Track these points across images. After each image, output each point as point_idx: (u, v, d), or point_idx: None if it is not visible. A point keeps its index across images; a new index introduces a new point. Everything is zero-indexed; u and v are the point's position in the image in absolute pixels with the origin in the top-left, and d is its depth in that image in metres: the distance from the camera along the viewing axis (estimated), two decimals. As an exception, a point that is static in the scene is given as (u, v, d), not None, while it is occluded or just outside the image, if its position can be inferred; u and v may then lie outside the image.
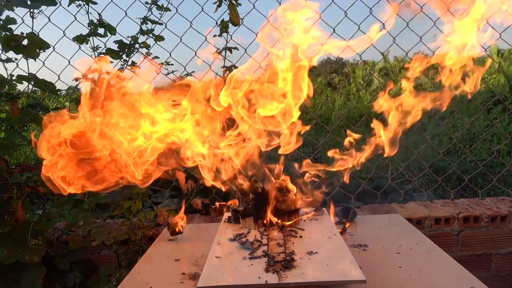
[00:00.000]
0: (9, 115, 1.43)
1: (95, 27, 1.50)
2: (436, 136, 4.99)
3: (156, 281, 1.04)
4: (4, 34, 1.33)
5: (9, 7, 1.30)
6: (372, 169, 2.14)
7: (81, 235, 1.53)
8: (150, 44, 1.59)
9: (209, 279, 0.87)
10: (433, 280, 0.96)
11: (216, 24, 1.60)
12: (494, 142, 4.76)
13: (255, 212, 1.20)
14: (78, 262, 1.47)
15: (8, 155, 1.34)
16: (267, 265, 0.92)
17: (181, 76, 1.67)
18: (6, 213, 1.35)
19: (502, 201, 1.73)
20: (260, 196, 1.22)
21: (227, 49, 1.63)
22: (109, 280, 1.40)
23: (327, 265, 0.90)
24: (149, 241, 1.53)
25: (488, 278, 1.59)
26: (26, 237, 1.34)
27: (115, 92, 1.09)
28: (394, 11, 1.35)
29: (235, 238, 1.11)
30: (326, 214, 1.33)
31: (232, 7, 1.55)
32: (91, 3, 1.47)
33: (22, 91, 1.48)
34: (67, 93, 1.80)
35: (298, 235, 1.12)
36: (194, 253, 1.23)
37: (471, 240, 1.57)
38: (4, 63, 1.37)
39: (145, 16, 1.56)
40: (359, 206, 1.74)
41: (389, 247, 1.19)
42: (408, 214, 1.58)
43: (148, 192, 2.12)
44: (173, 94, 1.13)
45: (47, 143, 0.99)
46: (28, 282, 1.33)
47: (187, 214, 1.75)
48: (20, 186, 1.35)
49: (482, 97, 6.01)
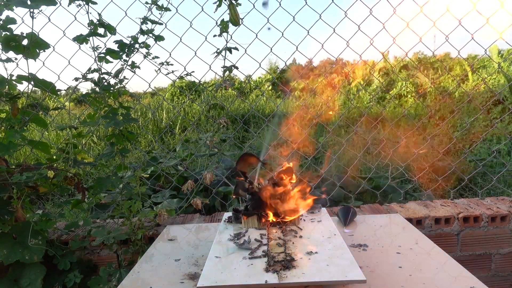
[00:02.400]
0: (9, 115, 1.43)
1: (95, 27, 1.50)
2: (436, 136, 4.98)
3: (156, 281, 1.04)
4: (4, 34, 1.33)
5: (9, 7, 1.30)
6: (372, 169, 2.14)
7: (81, 235, 1.53)
8: (150, 44, 1.59)
9: (209, 279, 0.87)
10: (433, 280, 0.96)
11: (216, 24, 1.60)
12: (494, 142, 4.76)
13: (255, 210, 1.21)
14: (78, 262, 1.47)
15: (8, 155, 1.33)
16: (267, 265, 0.92)
17: (181, 76, 1.67)
18: (6, 213, 1.35)
19: (502, 201, 1.73)
20: (257, 195, 1.23)
21: (227, 49, 1.63)
22: (109, 280, 1.40)
23: (327, 265, 0.90)
24: (149, 241, 1.53)
25: (488, 278, 1.59)
26: (26, 237, 1.34)
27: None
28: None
29: (235, 238, 1.11)
30: (325, 212, 1.33)
31: (232, 7, 1.55)
32: (91, 3, 1.47)
33: (22, 91, 1.48)
34: (67, 93, 1.79)
35: (298, 235, 1.12)
36: (194, 253, 1.23)
37: (471, 240, 1.57)
38: (4, 63, 1.37)
39: (145, 16, 1.55)
40: (359, 206, 1.74)
41: (389, 247, 1.19)
42: (408, 214, 1.58)
43: (148, 192, 2.12)
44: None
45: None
46: (28, 282, 1.33)
47: (187, 214, 1.76)
48: (20, 186, 1.35)
49: (482, 97, 6.02)
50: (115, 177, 1.51)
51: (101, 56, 1.52)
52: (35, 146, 1.46)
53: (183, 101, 9.81)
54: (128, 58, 1.56)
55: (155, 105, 8.69)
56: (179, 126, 6.70)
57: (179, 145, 3.28)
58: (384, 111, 4.37)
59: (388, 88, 9.15)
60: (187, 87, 9.00)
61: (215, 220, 1.65)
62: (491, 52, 7.23)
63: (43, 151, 1.50)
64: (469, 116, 5.79)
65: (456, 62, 9.82)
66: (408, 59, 8.49)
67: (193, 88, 1.79)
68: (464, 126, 5.00)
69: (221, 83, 1.67)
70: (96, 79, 1.54)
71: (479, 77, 7.54)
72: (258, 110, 8.15)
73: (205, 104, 1.82)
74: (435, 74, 10.40)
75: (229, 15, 1.56)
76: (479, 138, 4.39)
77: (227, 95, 8.61)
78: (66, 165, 1.46)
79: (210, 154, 2.30)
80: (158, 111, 7.53)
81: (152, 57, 1.62)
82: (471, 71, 7.41)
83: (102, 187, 1.48)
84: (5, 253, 1.28)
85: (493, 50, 7.14)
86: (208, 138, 1.71)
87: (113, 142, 1.54)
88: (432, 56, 2.01)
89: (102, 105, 1.53)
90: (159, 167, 2.16)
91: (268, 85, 11.82)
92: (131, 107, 1.66)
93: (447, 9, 1.72)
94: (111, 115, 1.46)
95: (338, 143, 3.87)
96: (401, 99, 9.11)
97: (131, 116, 1.52)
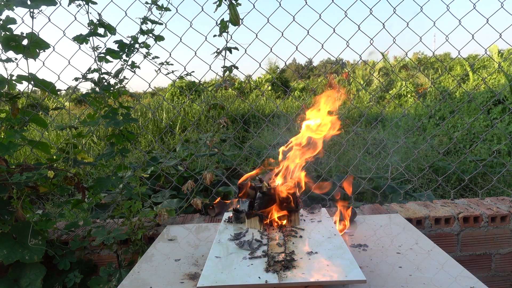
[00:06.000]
0: (9, 115, 1.43)
1: (95, 27, 1.50)
2: (436, 136, 4.99)
3: (156, 281, 1.04)
4: (4, 34, 1.33)
5: (9, 7, 1.30)
6: (372, 169, 2.14)
7: (81, 235, 1.53)
8: (150, 44, 1.59)
9: (209, 279, 0.87)
10: (433, 280, 0.96)
11: (216, 24, 1.60)
12: (494, 142, 4.76)
13: (260, 210, 1.21)
14: (78, 262, 1.47)
15: (8, 155, 1.33)
16: (267, 265, 0.92)
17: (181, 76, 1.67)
18: (6, 213, 1.35)
19: (502, 201, 1.73)
20: (267, 195, 1.23)
21: (227, 49, 1.63)
22: (109, 280, 1.40)
23: (327, 265, 0.90)
24: (149, 241, 1.53)
25: (488, 278, 1.59)
26: (26, 237, 1.34)
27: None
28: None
29: (235, 238, 1.11)
30: (325, 212, 1.33)
31: (232, 7, 1.55)
32: (91, 3, 1.47)
33: (22, 91, 1.48)
34: (67, 93, 1.79)
35: (298, 235, 1.12)
36: (194, 253, 1.23)
37: (471, 240, 1.57)
38: (4, 63, 1.37)
39: (145, 16, 1.56)
40: (359, 206, 1.74)
41: (389, 247, 1.19)
42: (408, 214, 1.58)
43: (148, 192, 2.12)
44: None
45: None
46: (28, 282, 1.33)
47: (187, 214, 1.76)
48: (20, 186, 1.35)
49: (482, 97, 6.02)
50: (115, 177, 1.51)
51: (101, 56, 1.52)
52: (35, 146, 1.46)
53: (183, 101, 9.81)
54: (128, 58, 1.56)
55: (155, 105, 8.69)
56: (179, 126, 6.71)
57: (179, 145, 3.28)
58: (384, 111, 4.38)
59: (388, 88, 9.14)
60: (187, 87, 9.01)
61: (215, 220, 1.65)
62: (491, 52, 7.23)
63: (43, 151, 1.50)
64: (469, 116, 5.79)
65: (456, 62, 9.82)
66: (408, 59, 8.48)
67: (193, 88, 1.79)
68: (465, 126, 5.00)
69: (221, 83, 1.67)
70: (96, 79, 1.54)
71: (479, 77, 7.54)
72: (258, 110, 8.15)
73: (205, 104, 1.82)
74: (435, 74, 10.40)
75: (229, 15, 1.56)
76: (479, 138, 4.39)
77: (227, 95, 8.61)
78: (66, 165, 1.46)
79: (210, 154, 2.30)
80: (158, 111, 7.53)
81: (152, 57, 1.62)
82: (471, 71, 7.41)
83: (102, 187, 1.48)
84: (5, 253, 1.28)
85: (493, 50, 7.14)
86: (208, 138, 1.71)
87: (113, 142, 1.54)
88: (432, 56, 2.02)
89: (102, 105, 1.54)
90: (159, 167, 2.16)
91: (268, 85, 11.81)
92: (131, 107, 1.66)
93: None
94: (111, 115, 1.46)
95: (338, 143, 3.87)
96: (401, 99, 9.11)
97: (131, 116, 1.52)
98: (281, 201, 1.22)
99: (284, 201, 1.22)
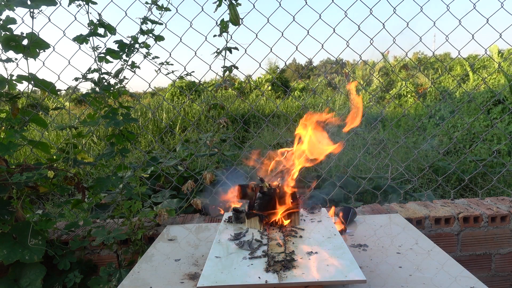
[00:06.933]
0: (9, 115, 1.43)
1: (95, 27, 1.50)
2: (436, 136, 4.99)
3: (156, 281, 1.04)
4: (4, 34, 1.33)
5: (9, 7, 1.30)
6: (372, 169, 2.14)
7: (81, 235, 1.53)
8: (150, 44, 1.59)
9: (209, 279, 0.87)
10: (433, 280, 0.96)
11: (216, 24, 1.60)
12: (494, 142, 4.76)
13: (261, 210, 1.21)
14: (78, 262, 1.47)
15: (8, 155, 1.33)
16: (267, 265, 0.92)
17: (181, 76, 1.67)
18: (6, 213, 1.35)
19: (502, 201, 1.73)
20: (267, 195, 1.23)
21: (227, 49, 1.63)
22: (109, 280, 1.40)
23: (327, 265, 0.90)
24: (149, 241, 1.53)
25: (488, 278, 1.59)
26: (26, 237, 1.34)
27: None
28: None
29: (235, 238, 1.11)
30: (325, 212, 1.33)
31: (232, 7, 1.55)
32: (91, 3, 1.47)
33: (22, 91, 1.48)
34: (67, 93, 1.79)
35: (298, 235, 1.12)
36: (194, 253, 1.23)
37: (471, 240, 1.57)
38: (4, 63, 1.37)
39: (145, 16, 1.55)
40: (359, 206, 1.74)
41: (389, 247, 1.19)
42: (408, 214, 1.58)
43: (148, 192, 2.12)
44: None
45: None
46: (28, 282, 1.33)
47: (187, 214, 1.76)
48: (20, 186, 1.35)
49: (482, 97, 6.02)
50: (115, 177, 1.51)
51: (101, 56, 1.52)
52: (35, 146, 1.46)
53: (183, 101, 9.81)
54: (128, 58, 1.56)
55: (155, 105, 8.69)
56: (179, 126, 6.71)
57: (179, 145, 3.28)
58: (384, 111, 4.37)
59: (388, 88, 9.15)
60: (187, 87, 9.01)
61: (215, 220, 1.65)
62: (491, 52, 7.23)
63: (43, 151, 1.50)
64: (469, 116, 5.79)
65: (456, 62, 9.82)
66: (408, 59, 8.48)
67: (193, 88, 1.79)
68: (465, 126, 5.00)
69: (221, 83, 1.67)
70: (96, 79, 1.54)
71: (479, 77, 7.54)
72: (258, 110, 8.15)
73: (205, 104, 1.82)
74: (435, 74, 10.40)
75: (229, 15, 1.56)
76: (479, 138, 4.39)
77: (227, 95, 8.61)
78: (66, 165, 1.46)
79: (210, 154, 2.30)
80: (158, 111, 7.53)
81: (152, 57, 1.62)
82: (471, 71, 7.41)
83: (102, 187, 1.48)
84: (5, 253, 1.28)
85: (493, 50, 7.14)
86: (208, 138, 1.71)
87: (113, 142, 1.54)
88: (432, 56, 2.02)
89: (102, 105, 1.53)
90: (159, 167, 2.16)
91: (268, 85, 11.81)
92: (131, 107, 1.66)
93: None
94: (111, 115, 1.46)
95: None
96: (401, 99, 9.11)
97: (131, 116, 1.52)
98: (281, 201, 1.22)
99: (284, 201, 1.22)
